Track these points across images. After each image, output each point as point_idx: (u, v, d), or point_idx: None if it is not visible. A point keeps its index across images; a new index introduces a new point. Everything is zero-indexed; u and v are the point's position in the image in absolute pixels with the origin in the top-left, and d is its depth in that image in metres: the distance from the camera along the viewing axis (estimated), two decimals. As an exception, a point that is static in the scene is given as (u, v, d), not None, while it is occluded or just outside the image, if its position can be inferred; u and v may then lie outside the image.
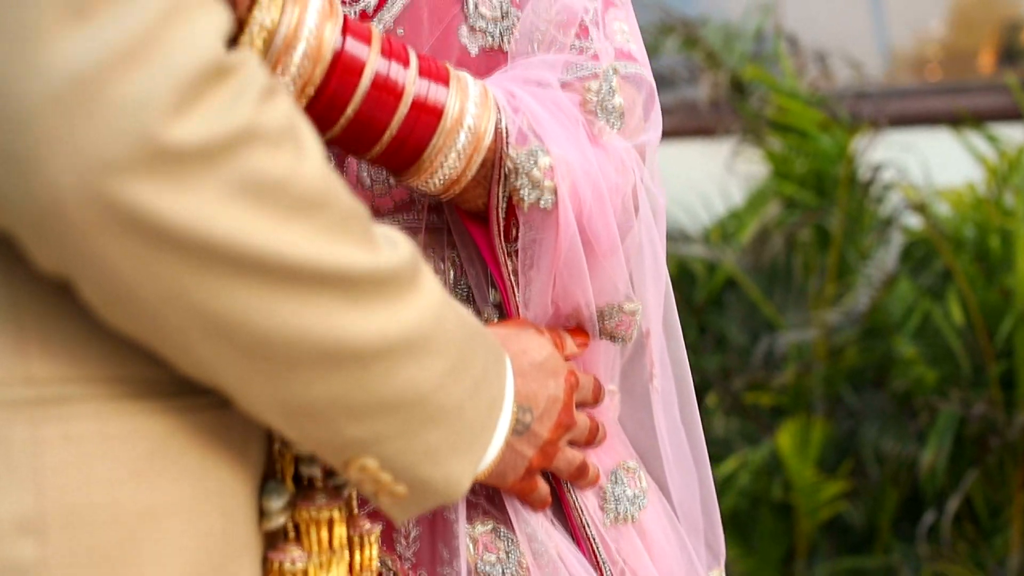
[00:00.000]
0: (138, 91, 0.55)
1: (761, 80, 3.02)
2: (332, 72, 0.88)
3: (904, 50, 4.69)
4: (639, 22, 3.36)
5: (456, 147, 0.93)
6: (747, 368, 2.99)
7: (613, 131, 0.99)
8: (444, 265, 1.04)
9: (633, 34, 1.12)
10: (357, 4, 1.01)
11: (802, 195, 2.97)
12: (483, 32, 1.04)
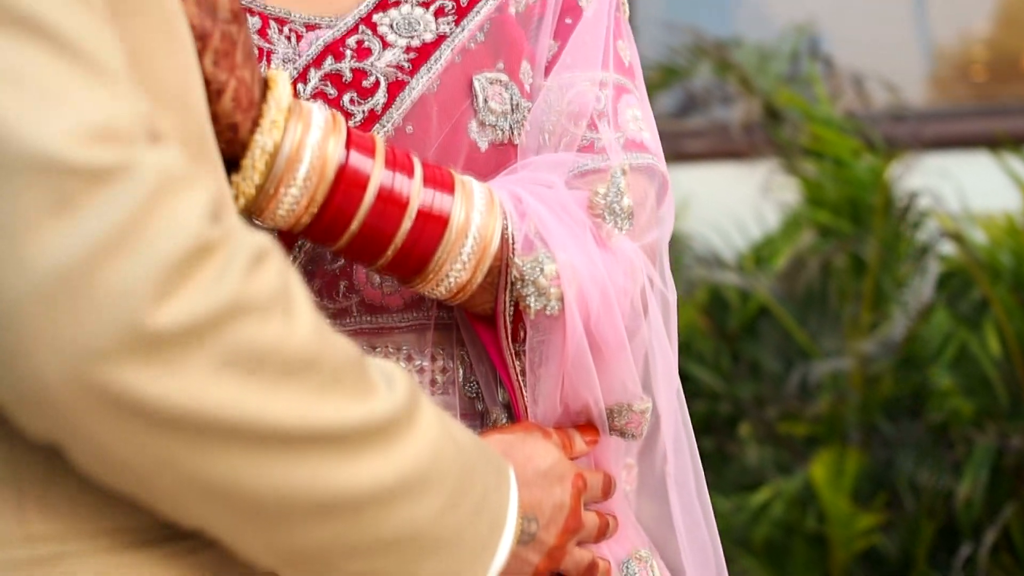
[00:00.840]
0: (122, 281, 0.56)
1: (795, 106, 2.99)
2: (336, 187, 0.89)
3: (949, 48, 4.63)
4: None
5: (462, 256, 0.94)
6: (781, 396, 2.97)
7: (622, 232, 0.98)
8: (453, 363, 1.04)
9: (647, 120, 1.12)
10: (366, 103, 1.01)
11: (837, 222, 2.94)
12: (493, 127, 1.04)
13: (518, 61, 1.07)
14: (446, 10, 1.07)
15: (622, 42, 1.14)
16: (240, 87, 0.83)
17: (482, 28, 1.07)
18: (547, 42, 1.10)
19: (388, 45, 1.05)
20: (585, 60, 1.10)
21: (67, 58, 0.57)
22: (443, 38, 1.05)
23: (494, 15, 1.08)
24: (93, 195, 0.55)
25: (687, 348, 3.08)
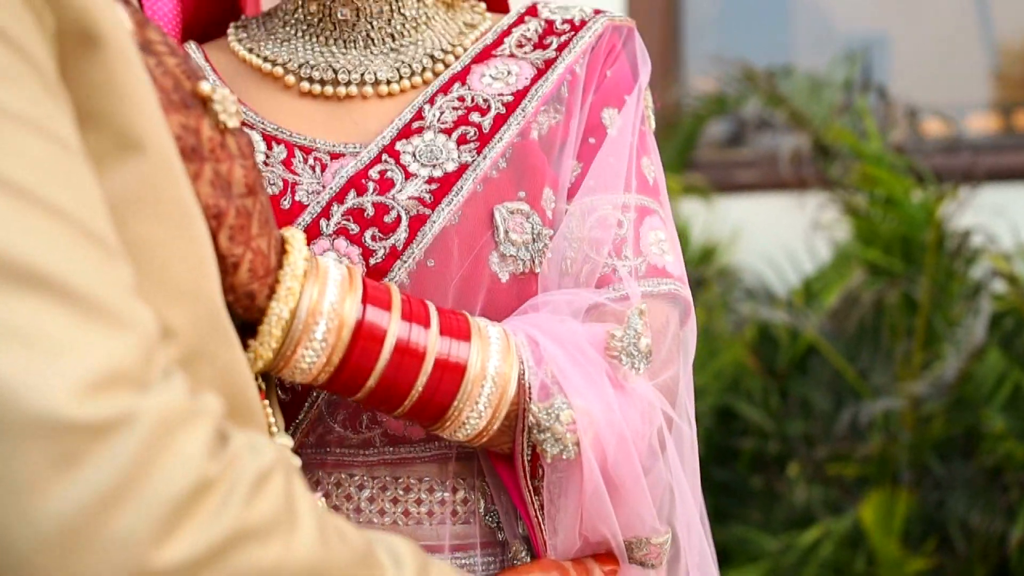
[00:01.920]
0: (125, 527, 0.57)
1: (845, 141, 2.96)
2: (354, 344, 0.90)
3: (1014, 45, 4.53)
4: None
5: (480, 403, 0.95)
6: (830, 435, 2.94)
7: (639, 373, 0.99)
8: (474, 494, 1.06)
9: (670, 241, 1.12)
10: (388, 239, 1.03)
11: (888, 261, 2.91)
12: (514, 258, 1.05)
13: (540, 188, 1.08)
14: (468, 137, 1.08)
15: (647, 159, 1.14)
16: (256, 257, 0.84)
17: (504, 155, 1.08)
18: (570, 163, 1.11)
19: (410, 175, 1.06)
20: (608, 182, 1.10)
21: (66, 306, 0.59)
22: (465, 167, 1.06)
23: (516, 141, 1.08)
24: (95, 449, 0.57)
25: (735, 386, 3.07)
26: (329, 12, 1.14)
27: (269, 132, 1.10)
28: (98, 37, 0.69)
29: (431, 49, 1.15)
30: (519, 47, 1.16)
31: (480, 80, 1.13)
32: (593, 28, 1.17)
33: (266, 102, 1.13)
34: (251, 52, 1.16)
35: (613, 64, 1.16)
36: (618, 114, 1.14)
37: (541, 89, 1.12)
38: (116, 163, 0.71)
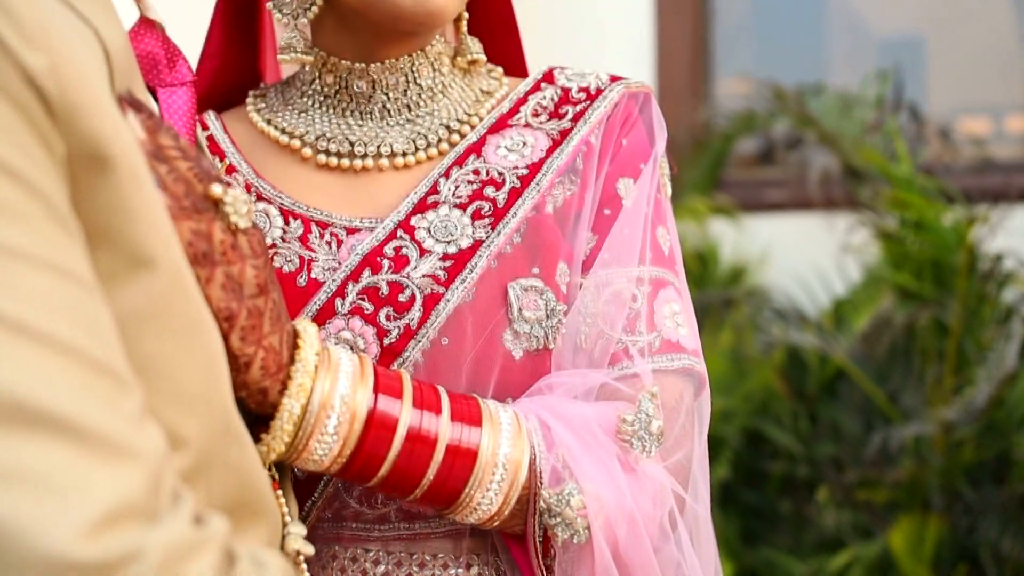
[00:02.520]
0: None
1: (875, 164, 2.94)
2: (366, 433, 0.91)
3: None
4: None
5: (491, 488, 0.95)
6: (860, 458, 2.93)
7: (650, 456, 0.99)
8: (488, 570, 1.06)
9: (685, 313, 1.12)
10: (402, 319, 1.04)
11: (918, 285, 2.89)
12: (527, 335, 1.05)
13: (554, 264, 1.08)
14: (483, 212, 1.09)
15: (662, 228, 1.14)
16: (268, 355, 0.85)
17: (518, 230, 1.08)
18: (585, 235, 1.11)
19: (425, 252, 1.07)
20: (623, 255, 1.10)
21: (72, 443, 0.61)
22: (479, 244, 1.07)
23: (531, 215, 1.09)
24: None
25: (764, 409, 3.06)
26: (346, 84, 1.15)
27: (286, 207, 1.11)
28: (108, 160, 0.71)
29: (447, 119, 1.16)
30: (535, 116, 1.17)
31: (495, 152, 1.13)
32: (609, 97, 1.17)
33: (283, 175, 1.14)
34: (269, 123, 1.17)
35: (629, 132, 1.16)
36: (634, 184, 1.14)
37: (556, 162, 1.12)
38: (127, 281, 0.72)
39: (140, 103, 0.80)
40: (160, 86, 0.92)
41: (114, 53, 0.79)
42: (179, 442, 0.74)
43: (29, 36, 0.67)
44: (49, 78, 0.68)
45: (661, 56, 3.61)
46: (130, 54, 0.84)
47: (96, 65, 0.76)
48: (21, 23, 0.67)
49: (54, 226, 0.66)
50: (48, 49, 0.68)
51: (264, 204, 1.12)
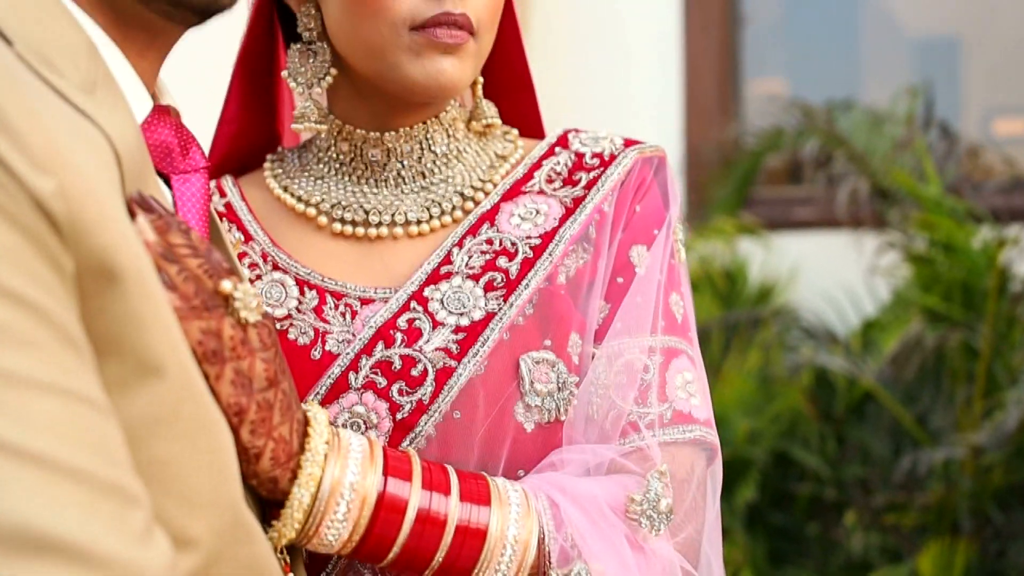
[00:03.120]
0: None
1: (904, 186, 2.92)
2: (376, 516, 0.92)
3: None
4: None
5: (500, 567, 0.96)
6: (889, 481, 2.91)
7: (658, 534, 0.99)
8: None
9: (698, 382, 1.12)
10: (415, 393, 1.05)
11: (948, 308, 2.87)
12: (539, 408, 1.06)
13: (566, 335, 1.08)
14: (495, 284, 1.10)
15: (675, 294, 1.15)
16: (278, 446, 0.87)
17: (531, 301, 1.09)
18: (598, 303, 1.11)
19: (438, 324, 1.07)
20: (635, 324, 1.11)
21: (80, 568, 0.62)
22: (492, 316, 1.07)
23: (543, 286, 1.09)
24: None
25: (792, 430, 3.05)
26: (360, 152, 1.16)
27: (302, 276, 1.12)
28: (117, 272, 0.72)
29: (461, 186, 1.17)
30: (548, 183, 1.17)
31: (509, 221, 1.14)
32: (623, 164, 1.17)
33: (300, 243, 1.15)
34: (285, 191, 1.18)
35: (643, 198, 1.16)
36: (647, 251, 1.14)
37: (569, 231, 1.12)
38: (136, 389, 0.73)
39: (150, 204, 0.82)
40: (174, 173, 0.93)
41: (125, 155, 0.81)
42: (188, 543, 0.75)
43: (38, 160, 0.69)
44: (58, 200, 0.69)
45: (689, 73, 3.60)
46: (142, 150, 0.85)
47: (106, 173, 0.77)
48: (29, 147, 0.69)
49: (62, 349, 0.67)
50: (56, 170, 0.70)
51: (280, 274, 1.13)
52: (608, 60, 3.72)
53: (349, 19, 1.10)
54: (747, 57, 3.78)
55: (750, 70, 3.78)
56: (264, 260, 1.14)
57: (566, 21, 3.77)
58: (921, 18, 4.23)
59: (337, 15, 1.11)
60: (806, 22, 4.10)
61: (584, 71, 3.73)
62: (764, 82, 3.95)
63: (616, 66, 3.71)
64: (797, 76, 4.03)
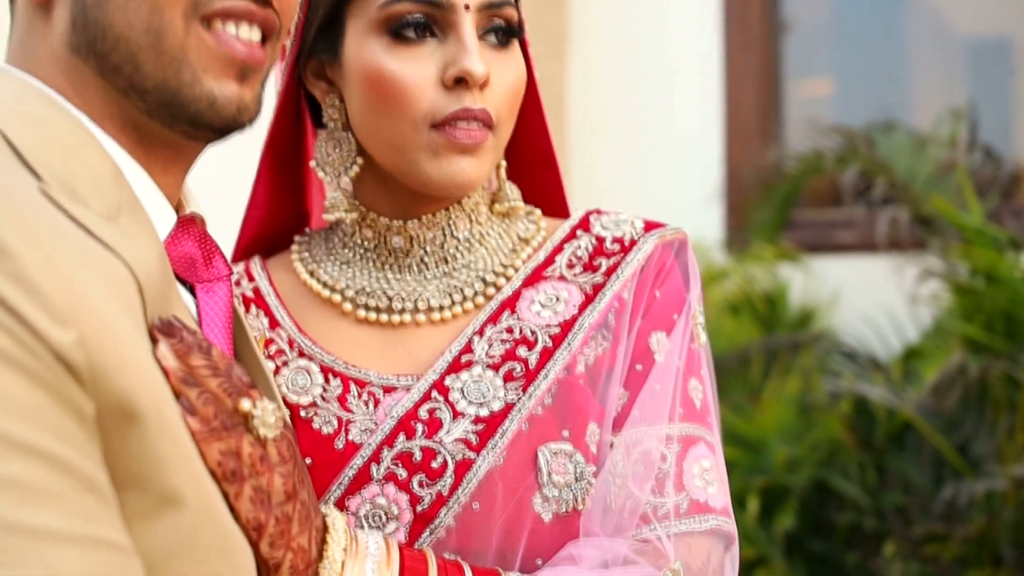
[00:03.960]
0: None
1: (944, 214, 2.90)
2: None
3: None
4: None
5: None
6: (929, 511, 2.90)
7: None
8: None
9: (716, 469, 1.13)
10: (434, 485, 1.07)
11: (989, 338, 2.84)
12: (557, 499, 1.07)
13: (584, 426, 1.10)
14: (515, 374, 1.11)
15: (694, 380, 1.16)
16: (296, 555, 0.89)
17: (550, 391, 1.10)
18: (616, 391, 1.13)
19: (458, 415, 1.09)
20: (653, 413, 1.12)
21: None
22: (511, 407, 1.09)
23: (562, 377, 1.11)
24: None
25: (831, 459, 3.04)
26: (384, 240, 1.18)
27: (327, 364, 1.15)
28: (136, 412, 0.75)
29: (483, 271, 1.18)
30: (569, 267, 1.19)
31: (529, 308, 1.16)
32: (643, 250, 1.18)
33: (325, 329, 1.18)
34: (312, 275, 1.21)
35: (663, 283, 1.17)
36: (666, 338, 1.15)
37: (588, 319, 1.14)
38: (156, 520, 0.76)
39: (172, 328, 0.85)
40: (198, 282, 0.96)
41: (147, 283, 0.84)
42: None
43: (57, 313, 0.72)
44: (78, 350, 0.72)
45: (729, 96, 3.59)
46: (165, 271, 0.88)
47: (127, 307, 0.80)
48: (50, 300, 0.72)
49: (84, 496, 0.70)
50: (76, 320, 0.73)
51: (306, 360, 1.16)
52: (648, 83, 3.72)
53: (370, 114, 1.12)
54: (790, 60, 3.73)
55: (794, 71, 3.73)
56: (291, 347, 1.17)
57: (607, 46, 3.77)
58: (972, 19, 4.16)
59: (359, 109, 1.13)
60: (852, 23, 4.04)
61: (624, 94, 3.74)
62: (810, 83, 3.90)
63: (656, 89, 3.70)
64: (843, 76, 3.95)
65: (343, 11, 1.13)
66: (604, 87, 3.76)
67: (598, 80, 3.77)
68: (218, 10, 0.88)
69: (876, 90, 3.91)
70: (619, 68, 3.74)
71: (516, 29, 1.16)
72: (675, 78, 3.68)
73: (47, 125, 0.87)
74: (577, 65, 3.78)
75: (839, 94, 3.99)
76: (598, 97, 3.76)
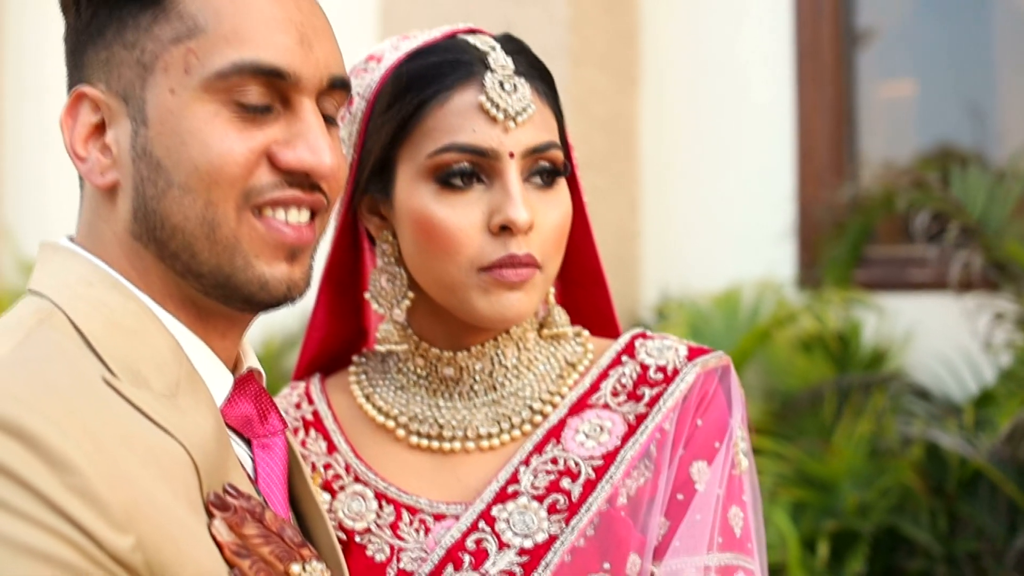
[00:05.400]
0: None
1: (1019, 260, 2.86)
2: None
3: None
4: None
5: None
6: (1003, 559, 2.87)
7: None
8: None
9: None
10: None
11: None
12: None
13: (624, 557, 1.14)
14: (558, 506, 1.16)
15: (735, 507, 1.19)
16: None
17: (592, 523, 1.15)
18: (658, 520, 1.16)
19: (503, 546, 1.14)
20: (693, 543, 1.16)
21: None
22: (554, 539, 1.14)
23: (604, 509, 1.15)
24: None
25: (901, 505, 3.03)
26: (435, 369, 1.23)
27: (380, 490, 1.21)
28: None
29: (530, 399, 1.23)
30: (614, 395, 1.23)
31: (574, 438, 1.20)
32: (686, 380, 1.21)
33: (379, 454, 1.24)
34: (368, 399, 1.27)
35: (705, 412, 1.21)
36: (707, 467, 1.19)
37: (630, 452, 1.18)
38: None
39: (225, 502, 0.91)
40: (254, 438, 1.03)
41: (203, 459, 0.90)
42: None
43: (117, 520, 0.78)
44: (137, 553, 0.79)
45: (801, 132, 3.58)
46: (220, 441, 0.94)
47: (184, 488, 0.87)
48: (110, 511, 0.78)
49: None
50: (134, 524, 0.79)
51: (361, 486, 1.22)
52: (720, 118, 3.72)
53: (420, 255, 1.18)
54: (868, 67, 3.66)
55: (876, 73, 3.66)
56: (347, 471, 1.23)
57: (678, 81, 3.78)
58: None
59: (410, 248, 1.19)
60: (935, 24, 3.93)
61: (696, 130, 3.74)
62: (892, 85, 3.82)
63: (728, 125, 3.71)
64: (926, 77, 3.84)
65: (394, 156, 1.19)
66: (676, 122, 3.77)
67: (670, 115, 3.78)
68: (268, 201, 0.94)
69: (961, 91, 3.80)
70: (691, 103, 3.74)
71: (561, 169, 1.20)
72: (747, 113, 3.67)
73: (113, 310, 0.93)
74: (649, 100, 3.80)
75: (922, 95, 3.89)
76: (670, 133, 3.77)
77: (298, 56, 0.94)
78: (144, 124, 0.93)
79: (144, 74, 0.93)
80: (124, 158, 0.94)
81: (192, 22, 0.92)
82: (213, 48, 0.92)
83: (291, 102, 0.95)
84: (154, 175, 0.92)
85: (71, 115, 0.97)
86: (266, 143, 0.94)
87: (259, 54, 0.92)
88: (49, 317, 0.91)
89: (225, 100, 0.92)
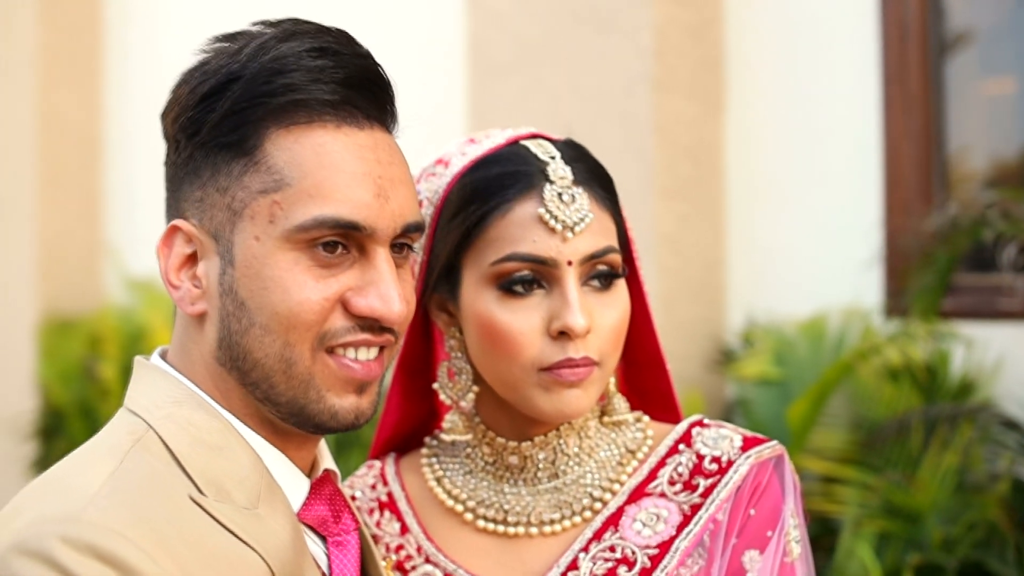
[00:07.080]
0: None
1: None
2: None
3: None
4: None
5: None
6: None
7: None
8: None
9: None
10: None
11: None
12: None
13: None
14: None
15: None
16: None
17: None
18: None
19: None
20: None
21: None
22: None
23: None
24: None
25: (987, 541, 3.01)
26: (501, 456, 1.31)
27: (449, 571, 1.28)
28: None
29: (591, 486, 1.29)
30: (671, 484, 1.28)
31: (631, 526, 1.26)
32: (739, 471, 1.26)
33: (449, 536, 1.31)
34: (438, 483, 1.34)
35: (758, 502, 1.26)
36: (759, 555, 1.24)
37: (684, 542, 1.24)
38: None
39: None
40: (329, 536, 1.11)
41: (280, 567, 0.99)
42: None
43: None
44: None
45: (888, 158, 3.56)
46: (296, 542, 1.03)
47: None
48: None
49: None
50: None
51: (431, 567, 1.30)
52: (806, 145, 3.72)
53: (483, 355, 1.25)
54: (957, 74, 3.62)
55: (971, 74, 3.62)
56: (418, 552, 1.31)
57: (764, 107, 3.79)
58: None
59: (474, 347, 1.26)
60: None
61: (782, 156, 3.75)
62: (994, 82, 3.75)
63: (814, 151, 3.70)
64: None
65: (459, 262, 1.26)
66: (762, 149, 3.78)
67: (756, 142, 3.79)
68: (340, 344, 1.03)
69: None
70: (777, 130, 3.75)
71: (619, 272, 1.26)
72: (833, 140, 3.67)
73: (199, 428, 1.03)
74: (734, 127, 3.81)
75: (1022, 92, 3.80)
76: (756, 159, 3.79)
77: (374, 209, 1.02)
78: (231, 264, 1.02)
79: (233, 218, 1.02)
80: (212, 291, 1.04)
81: (279, 175, 1.01)
82: (297, 202, 1.01)
83: (366, 249, 1.03)
84: (239, 312, 1.02)
85: (167, 244, 1.06)
86: (340, 291, 1.02)
87: (339, 210, 1.01)
88: (142, 438, 1.01)
89: (304, 248, 1.01)
